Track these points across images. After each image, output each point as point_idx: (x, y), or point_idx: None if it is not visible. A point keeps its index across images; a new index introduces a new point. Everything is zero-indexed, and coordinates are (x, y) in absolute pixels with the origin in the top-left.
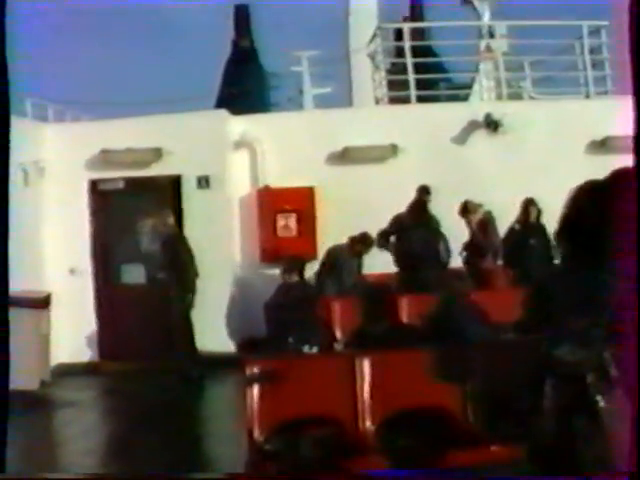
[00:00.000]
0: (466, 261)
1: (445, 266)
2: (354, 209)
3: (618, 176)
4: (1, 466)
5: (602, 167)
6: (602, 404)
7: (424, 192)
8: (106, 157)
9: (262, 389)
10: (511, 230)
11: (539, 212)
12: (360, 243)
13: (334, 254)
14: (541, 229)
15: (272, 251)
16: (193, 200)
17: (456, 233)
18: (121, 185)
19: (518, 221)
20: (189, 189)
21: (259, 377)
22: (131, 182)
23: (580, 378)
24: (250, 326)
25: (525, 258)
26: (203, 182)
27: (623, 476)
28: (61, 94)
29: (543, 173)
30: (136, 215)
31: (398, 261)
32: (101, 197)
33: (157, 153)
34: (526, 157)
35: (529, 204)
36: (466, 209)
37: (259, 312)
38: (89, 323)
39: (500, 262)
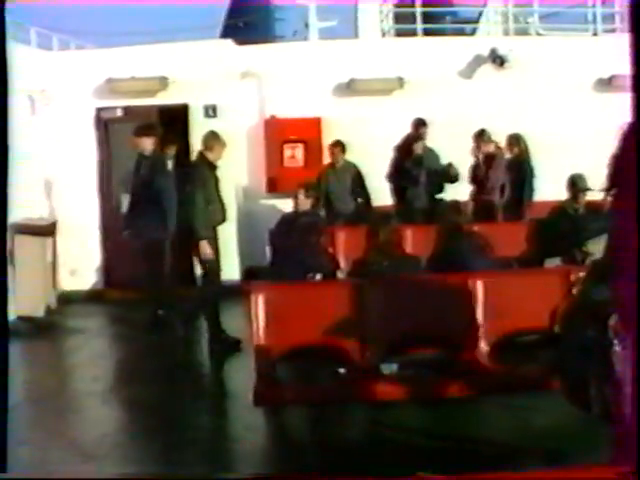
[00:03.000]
0: (473, 195)
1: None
2: (360, 140)
3: None
4: (1, 466)
5: (608, 105)
6: (617, 348)
7: (419, 125)
8: (111, 86)
9: (267, 315)
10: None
11: (525, 147)
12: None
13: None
14: (521, 164)
15: (278, 181)
16: (200, 129)
17: (459, 167)
18: (120, 113)
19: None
20: (196, 118)
21: None
22: (132, 110)
23: (604, 318)
24: (255, 255)
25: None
26: (210, 111)
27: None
28: (65, 24)
29: (548, 110)
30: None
31: (395, 194)
32: (106, 125)
33: (163, 82)
34: (531, 94)
35: (513, 140)
36: (481, 136)
37: (264, 242)
38: (94, 250)
39: (504, 197)
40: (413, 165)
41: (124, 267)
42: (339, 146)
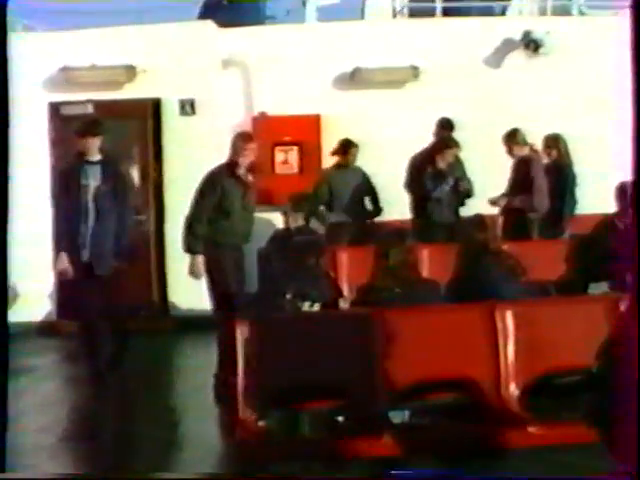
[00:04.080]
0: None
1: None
2: (366, 142)
3: None
4: (1, 466)
5: None
6: None
7: (445, 126)
8: (68, 76)
9: (252, 351)
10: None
11: (566, 150)
12: (341, 150)
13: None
14: (561, 170)
15: (268, 191)
16: (175, 129)
17: (485, 179)
18: (90, 109)
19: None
20: (170, 115)
21: None
22: (102, 106)
23: None
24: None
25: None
26: (187, 107)
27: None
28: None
29: (593, 106)
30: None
31: (415, 206)
32: (64, 124)
33: (130, 72)
34: (573, 86)
35: (551, 141)
36: (514, 138)
37: (251, 263)
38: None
39: (545, 208)
40: (439, 174)
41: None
42: (356, 147)
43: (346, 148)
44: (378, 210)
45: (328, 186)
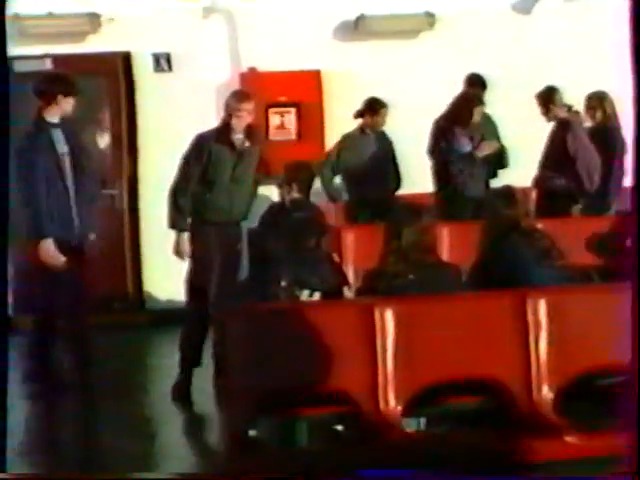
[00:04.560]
0: (537, 181)
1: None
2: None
3: None
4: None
5: None
6: None
7: (476, 84)
8: (20, 26)
9: (239, 348)
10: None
11: (613, 112)
12: (370, 111)
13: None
14: (606, 135)
15: (262, 160)
16: (148, 88)
17: (517, 145)
18: (48, 65)
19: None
20: (143, 72)
21: None
22: (62, 61)
23: None
24: None
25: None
26: (162, 62)
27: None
28: None
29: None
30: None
31: (437, 177)
32: (18, 82)
33: (94, 21)
34: (617, 36)
35: (595, 101)
36: (550, 97)
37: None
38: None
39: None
40: (468, 138)
41: (42, 285)
42: (385, 107)
43: (374, 108)
44: (399, 182)
45: (350, 154)
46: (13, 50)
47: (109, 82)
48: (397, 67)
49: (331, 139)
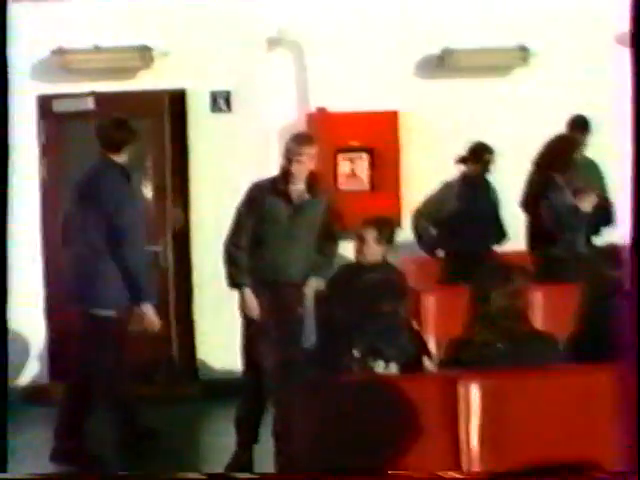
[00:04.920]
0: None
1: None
2: (460, 147)
3: None
4: (2, 465)
5: None
6: None
7: (580, 128)
8: (63, 61)
9: (305, 425)
10: None
11: None
12: (474, 158)
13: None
14: None
15: (333, 213)
16: (204, 130)
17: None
18: (90, 104)
19: None
20: (198, 112)
21: None
22: (106, 100)
23: None
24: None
25: None
26: (221, 101)
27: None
28: None
29: None
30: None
31: (532, 233)
32: (57, 123)
33: (145, 55)
34: None
35: None
36: None
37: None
38: (35, 326)
39: None
40: (569, 188)
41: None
42: (491, 153)
43: (479, 154)
44: (503, 236)
45: (450, 204)
46: (56, 87)
47: (158, 123)
48: (486, 107)
49: (408, 189)
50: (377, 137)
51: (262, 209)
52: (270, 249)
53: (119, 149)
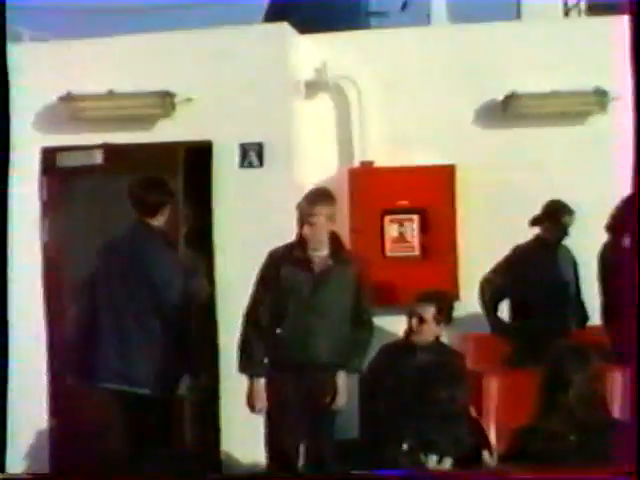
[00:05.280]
0: None
1: None
2: (528, 207)
3: None
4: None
5: None
6: None
7: None
8: (72, 108)
9: None
10: None
11: None
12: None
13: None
14: None
15: (375, 285)
16: (232, 188)
17: None
18: (98, 159)
19: None
20: (226, 167)
21: None
22: (118, 154)
23: None
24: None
25: None
26: (252, 155)
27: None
28: None
29: None
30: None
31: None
32: (63, 179)
33: (166, 101)
34: None
35: None
36: None
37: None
38: (35, 409)
39: None
40: None
41: (84, 440)
42: (571, 215)
43: (556, 215)
44: (584, 316)
45: (522, 272)
46: (63, 139)
47: (173, 178)
48: (559, 161)
49: (467, 256)
50: (430, 196)
51: (279, 280)
52: (291, 326)
53: (155, 212)
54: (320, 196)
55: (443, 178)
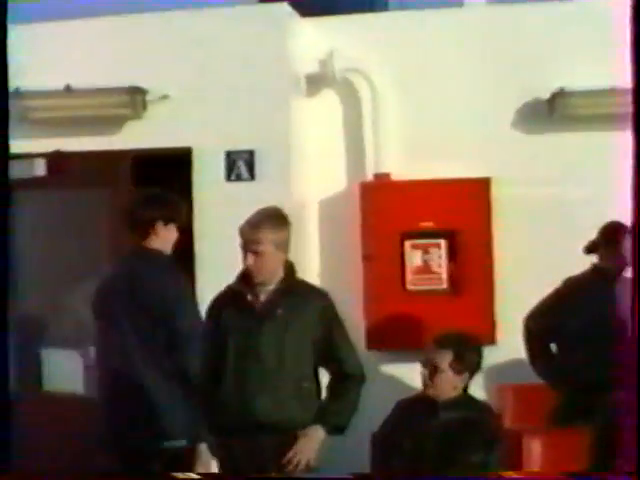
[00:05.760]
0: None
1: None
2: (581, 230)
3: None
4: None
5: None
6: None
7: None
8: (21, 107)
9: None
10: None
11: None
12: (608, 243)
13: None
14: None
15: (393, 325)
16: (217, 206)
17: None
18: (41, 170)
19: None
20: (209, 181)
21: None
22: (65, 164)
23: None
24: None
25: None
26: (240, 166)
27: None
28: None
29: None
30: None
31: None
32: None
33: (136, 99)
34: None
35: None
36: None
37: (359, 448)
38: None
39: None
40: None
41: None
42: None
43: (614, 238)
44: None
45: (575, 308)
46: (10, 144)
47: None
48: (618, 174)
49: (504, 289)
50: (461, 216)
51: (218, 326)
52: (230, 381)
53: (147, 232)
54: (267, 218)
55: (476, 194)
